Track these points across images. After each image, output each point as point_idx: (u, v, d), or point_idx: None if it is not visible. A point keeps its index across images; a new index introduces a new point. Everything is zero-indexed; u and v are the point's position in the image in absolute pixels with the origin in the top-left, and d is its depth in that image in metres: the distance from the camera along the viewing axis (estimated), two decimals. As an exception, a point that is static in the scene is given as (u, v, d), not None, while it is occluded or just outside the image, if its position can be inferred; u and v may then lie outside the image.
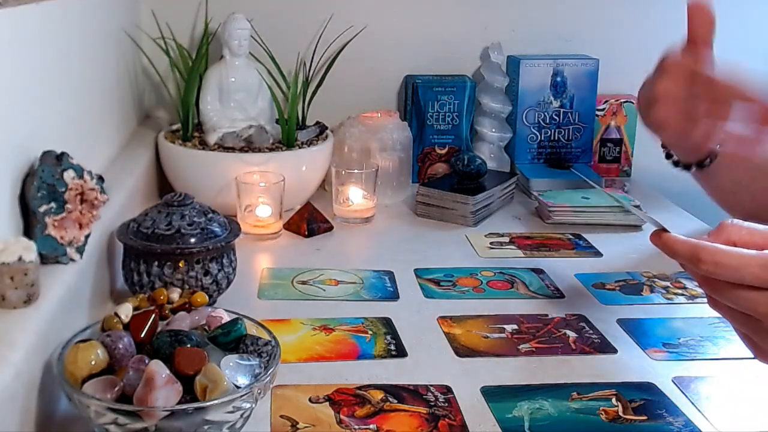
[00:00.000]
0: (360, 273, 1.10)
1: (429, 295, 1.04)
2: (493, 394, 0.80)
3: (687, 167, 0.97)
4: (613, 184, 1.54)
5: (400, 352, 0.89)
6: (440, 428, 0.75)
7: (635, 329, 0.95)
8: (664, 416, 0.77)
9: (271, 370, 0.69)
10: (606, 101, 1.55)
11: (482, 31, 1.54)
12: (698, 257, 0.63)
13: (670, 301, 1.03)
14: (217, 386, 0.64)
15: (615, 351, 0.90)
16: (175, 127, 1.37)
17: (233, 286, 0.99)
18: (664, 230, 0.68)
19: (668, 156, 0.99)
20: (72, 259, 0.80)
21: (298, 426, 0.74)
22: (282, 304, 1.01)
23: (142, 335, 0.70)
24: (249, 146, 1.29)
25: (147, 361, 0.65)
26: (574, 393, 0.81)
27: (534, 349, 0.90)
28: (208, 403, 0.64)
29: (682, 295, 1.05)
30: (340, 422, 0.75)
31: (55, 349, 0.70)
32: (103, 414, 0.64)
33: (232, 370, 0.67)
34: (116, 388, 0.65)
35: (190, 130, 1.32)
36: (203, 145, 1.30)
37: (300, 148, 1.31)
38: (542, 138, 1.53)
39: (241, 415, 0.67)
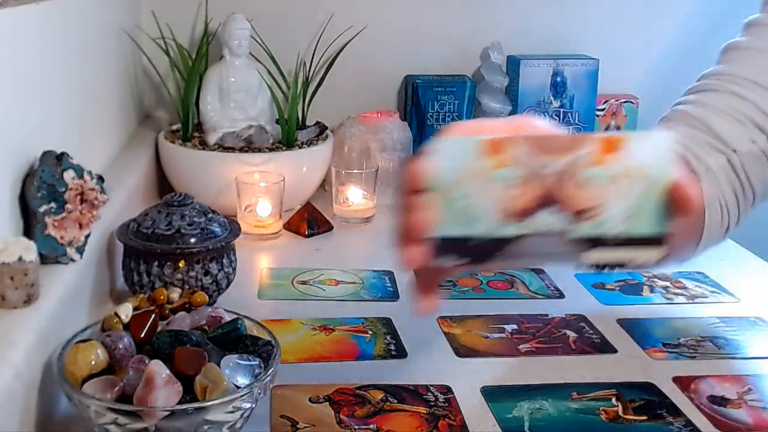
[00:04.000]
0: (360, 273, 1.10)
1: (429, 295, 1.04)
2: (493, 394, 0.80)
3: None
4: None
5: (400, 352, 0.89)
6: (440, 428, 0.74)
7: (635, 329, 0.95)
8: (664, 416, 0.77)
9: (271, 370, 0.69)
10: (606, 101, 1.55)
11: (482, 31, 1.54)
12: None
13: (670, 301, 1.03)
14: (217, 386, 0.64)
15: (615, 351, 0.90)
16: (175, 127, 1.37)
17: (233, 286, 0.99)
18: None
19: None
20: (72, 259, 0.80)
21: (298, 426, 0.74)
22: (282, 304, 1.01)
23: (142, 335, 0.70)
24: (249, 146, 1.29)
25: (147, 361, 0.65)
26: (574, 393, 0.81)
27: (534, 349, 0.90)
28: (208, 403, 0.64)
29: (682, 295, 1.05)
30: (340, 422, 0.75)
31: (55, 349, 0.70)
32: (103, 414, 0.64)
33: (232, 370, 0.67)
34: (116, 388, 0.65)
35: (190, 130, 1.32)
36: (203, 145, 1.30)
37: (300, 148, 1.31)
38: (542, 138, 1.53)
39: (241, 415, 0.67)
